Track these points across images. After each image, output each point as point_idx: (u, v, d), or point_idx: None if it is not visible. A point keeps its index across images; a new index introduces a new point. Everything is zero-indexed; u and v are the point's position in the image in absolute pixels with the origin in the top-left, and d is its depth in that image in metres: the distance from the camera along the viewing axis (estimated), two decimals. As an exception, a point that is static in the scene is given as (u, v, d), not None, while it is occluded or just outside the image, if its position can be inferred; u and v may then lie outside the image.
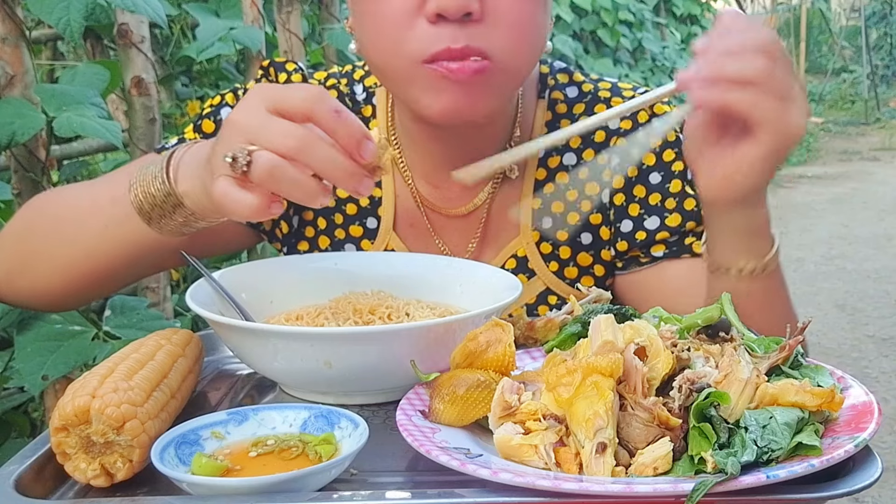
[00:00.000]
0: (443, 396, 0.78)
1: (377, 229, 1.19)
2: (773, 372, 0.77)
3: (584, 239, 1.17)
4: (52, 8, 1.60)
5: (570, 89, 1.20)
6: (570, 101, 1.19)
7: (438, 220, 1.19)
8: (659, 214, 1.13)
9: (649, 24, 8.43)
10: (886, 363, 3.98)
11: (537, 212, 1.16)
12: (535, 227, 1.16)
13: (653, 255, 1.14)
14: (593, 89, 1.19)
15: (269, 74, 1.21)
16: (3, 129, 1.60)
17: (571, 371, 0.71)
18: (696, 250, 1.12)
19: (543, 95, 1.19)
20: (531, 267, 1.16)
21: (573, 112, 1.18)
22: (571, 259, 1.16)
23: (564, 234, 1.16)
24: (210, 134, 1.17)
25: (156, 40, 2.42)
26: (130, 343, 0.89)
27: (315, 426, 0.79)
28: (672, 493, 0.64)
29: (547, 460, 0.70)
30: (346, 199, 1.20)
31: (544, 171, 1.17)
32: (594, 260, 1.17)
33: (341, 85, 1.23)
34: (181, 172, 0.91)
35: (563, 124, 1.17)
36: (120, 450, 0.74)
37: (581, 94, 1.19)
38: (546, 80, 1.20)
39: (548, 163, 1.17)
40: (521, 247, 1.16)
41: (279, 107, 0.80)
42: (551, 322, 0.97)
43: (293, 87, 0.84)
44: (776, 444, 0.67)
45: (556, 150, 1.17)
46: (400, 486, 0.74)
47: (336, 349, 0.85)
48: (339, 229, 1.20)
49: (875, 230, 6.00)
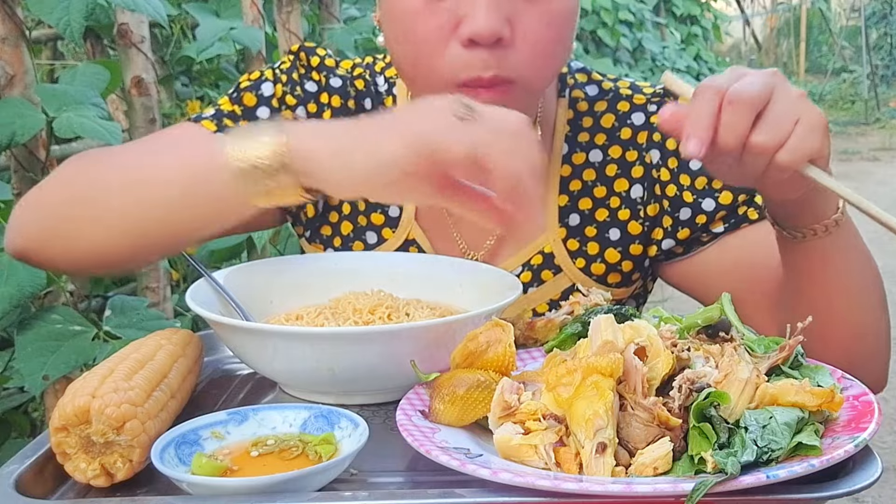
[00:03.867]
0: (443, 396, 0.78)
1: (399, 218, 1.19)
2: (773, 372, 0.77)
3: (613, 235, 1.17)
4: (52, 8, 1.60)
5: (589, 88, 1.21)
6: (590, 98, 1.20)
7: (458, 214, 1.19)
8: (711, 195, 1.12)
9: (649, 24, 8.43)
10: (886, 363, 3.97)
11: (564, 209, 1.17)
12: (563, 223, 1.16)
13: (713, 232, 1.13)
14: (614, 87, 1.21)
15: (300, 59, 1.21)
16: (3, 129, 1.60)
17: (571, 371, 0.71)
18: (751, 217, 1.12)
19: (564, 94, 1.20)
20: (557, 263, 1.16)
21: (595, 110, 1.19)
22: (599, 255, 1.16)
23: (592, 230, 1.16)
24: (252, 108, 1.16)
25: (156, 40, 2.42)
26: (130, 343, 0.89)
27: (315, 426, 0.79)
28: (672, 492, 0.64)
29: (547, 460, 0.70)
30: None
31: (569, 168, 1.17)
32: (622, 256, 1.17)
33: (367, 74, 1.23)
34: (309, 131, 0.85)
35: (586, 122, 1.19)
36: (120, 450, 0.74)
37: (602, 91, 1.20)
38: (565, 79, 1.21)
39: (573, 160, 1.18)
40: (548, 243, 1.16)
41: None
42: (551, 322, 0.97)
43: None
44: (776, 444, 0.67)
45: (580, 148, 1.18)
46: (400, 486, 0.75)
47: (336, 349, 0.85)
48: (362, 216, 1.19)
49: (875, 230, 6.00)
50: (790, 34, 14.96)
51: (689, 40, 9.49)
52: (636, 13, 8.00)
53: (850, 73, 13.77)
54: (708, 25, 10.10)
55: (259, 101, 1.17)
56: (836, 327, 0.98)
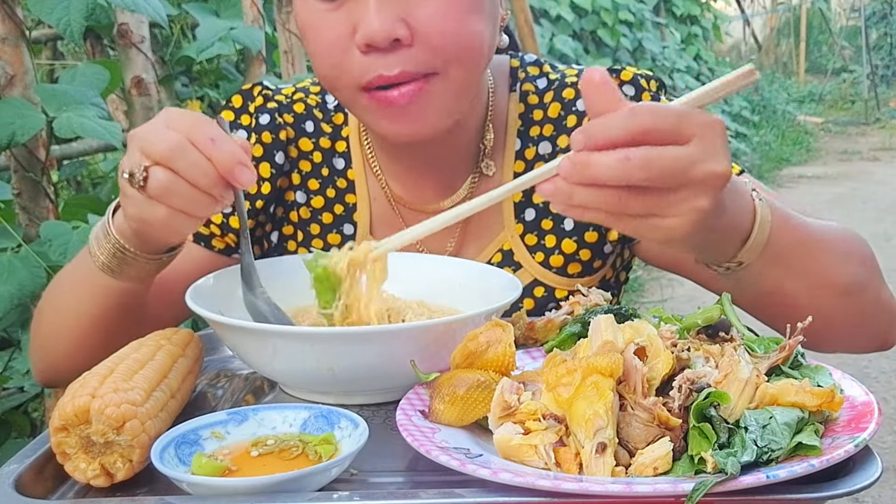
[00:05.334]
0: (443, 396, 0.78)
1: (354, 235, 1.20)
2: (773, 372, 0.77)
3: (567, 225, 1.16)
4: (52, 8, 1.60)
5: (539, 80, 1.20)
6: (540, 91, 1.19)
7: (416, 220, 1.19)
8: None
9: (649, 24, 8.43)
10: (886, 363, 3.98)
11: (519, 205, 1.17)
12: (519, 219, 1.17)
13: None
14: (560, 76, 1.20)
15: (234, 105, 1.23)
16: (3, 129, 1.60)
17: (571, 371, 0.71)
18: None
19: (515, 89, 1.20)
20: (517, 260, 1.17)
21: (544, 101, 1.19)
22: (556, 247, 1.16)
23: (549, 222, 1.16)
24: None
25: (156, 40, 2.42)
26: (130, 343, 0.89)
27: (315, 426, 0.79)
28: (672, 493, 0.64)
29: (547, 460, 0.70)
30: (322, 209, 1.21)
31: (522, 164, 1.17)
32: (578, 245, 1.16)
33: (309, 98, 1.24)
34: (116, 215, 0.97)
35: (536, 115, 1.18)
36: (120, 450, 0.74)
37: (549, 82, 1.20)
38: (517, 73, 1.21)
39: (525, 155, 1.17)
40: (507, 240, 1.17)
41: (171, 127, 0.88)
42: (551, 322, 0.97)
43: (184, 113, 0.91)
44: (776, 444, 0.67)
45: (531, 142, 1.18)
46: (400, 487, 0.75)
47: (336, 349, 0.85)
48: (317, 239, 1.21)
49: (875, 230, 5.98)
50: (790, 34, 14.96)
51: (689, 40, 9.49)
52: (636, 13, 8.00)
53: (850, 73, 13.77)
54: (708, 25, 10.10)
55: None
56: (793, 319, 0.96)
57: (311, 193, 1.22)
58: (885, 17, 13.49)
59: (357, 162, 1.22)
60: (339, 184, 1.22)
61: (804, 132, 10.54)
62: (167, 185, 0.87)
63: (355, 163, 1.22)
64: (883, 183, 7.99)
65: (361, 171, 1.21)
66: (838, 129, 11.06)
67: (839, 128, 11.17)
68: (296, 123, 1.22)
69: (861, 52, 13.08)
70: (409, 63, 0.99)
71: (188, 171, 0.87)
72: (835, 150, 9.73)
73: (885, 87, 13.06)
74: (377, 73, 0.99)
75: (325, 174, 1.22)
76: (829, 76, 13.90)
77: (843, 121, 11.66)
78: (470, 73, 1.05)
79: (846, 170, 8.64)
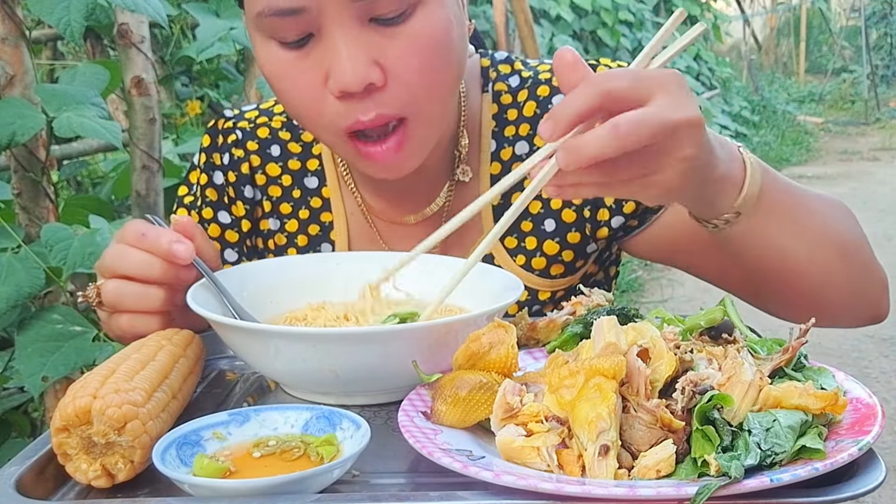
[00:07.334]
0: (445, 398, 0.78)
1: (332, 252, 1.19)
2: (777, 374, 0.77)
3: (548, 226, 1.15)
4: (52, 8, 1.60)
5: (512, 79, 1.18)
6: (513, 90, 1.18)
7: (395, 232, 1.19)
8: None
9: (649, 24, 8.43)
10: (886, 363, 3.98)
11: (498, 208, 1.15)
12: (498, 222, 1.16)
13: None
14: (533, 73, 1.18)
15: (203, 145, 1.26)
16: (3, 129, 1.60)
17: (574, 373, 0.71)
18: None
19: (487, 89, 1.18)
20: (498, 264, 1.15)
21: (518, 100, 1.17)
22: (538, 249, 1.15)
23: (528, 224, 1.15)
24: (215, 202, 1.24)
25: (156, 40, 2.42)
26: (131, 343, 0.89)
27: (317, 427, 0.79)
28: (675, 496, 0.64)
29: (549, 462, 0.69)
30: (296, 232, 1.21)
31: (499, 165, 1.16)
32: (561, 246, 1.15)
33: (273, 120, 1.23)
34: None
35: (510, 115, 1.16)
36: (121, 450, 0.74)
37: (522, 80, 1.18)
38: (488, 73, 1.19)
39: (501, 156, 1.16)
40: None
41: (110, 245, 0.98)
42: (553, 323, 0.97)
43: (121, 227, 1.00)
44: (780, 448, 0.67)
45: (507, 142, 1.16)
46: (402, 488, 0.74)
47: (338, 350, 0.85)
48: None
49: (875, 230, 5.99)
50: (790, 34, 14.97)
51: (689, 40, 9.48)
52: (636, 13, 8.01)
53: (850, 73, 13.79)
54: (708, 25, 10.10)
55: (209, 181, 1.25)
56: (793, 284, 0.97)
57: (285, 218, 1.21)
58: (885, 17, 13.49)
59: (332, 179, 1.21)
60: (314, 203, 1.21)
61: (804, 132, 10.55)
62: (119, 291, 0.95)
63: (330, 180, 1.21)
64: (883, 183, 8.00)
65: (336, 187, 1.20)
66: (838, 129, 11.06)
67: (839, 128, 11.18)
68: (260, 150, 1.22)
69: (861, 52, 13.09)
70: (384, 106, 0.98)
71: (133, 271, 0.95)
72: (835, 150, 9.73)
73: (885, 87, 13.07)
74: (354, 119, 0.98)
75: (296, 196, 1.21)
76: (829, 76, 13.92)
77: (843, 121, 11.67)
78: (446, 104, 1.05)
79: (846, 170, 8.64)
